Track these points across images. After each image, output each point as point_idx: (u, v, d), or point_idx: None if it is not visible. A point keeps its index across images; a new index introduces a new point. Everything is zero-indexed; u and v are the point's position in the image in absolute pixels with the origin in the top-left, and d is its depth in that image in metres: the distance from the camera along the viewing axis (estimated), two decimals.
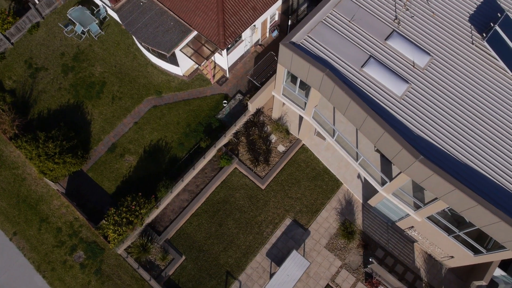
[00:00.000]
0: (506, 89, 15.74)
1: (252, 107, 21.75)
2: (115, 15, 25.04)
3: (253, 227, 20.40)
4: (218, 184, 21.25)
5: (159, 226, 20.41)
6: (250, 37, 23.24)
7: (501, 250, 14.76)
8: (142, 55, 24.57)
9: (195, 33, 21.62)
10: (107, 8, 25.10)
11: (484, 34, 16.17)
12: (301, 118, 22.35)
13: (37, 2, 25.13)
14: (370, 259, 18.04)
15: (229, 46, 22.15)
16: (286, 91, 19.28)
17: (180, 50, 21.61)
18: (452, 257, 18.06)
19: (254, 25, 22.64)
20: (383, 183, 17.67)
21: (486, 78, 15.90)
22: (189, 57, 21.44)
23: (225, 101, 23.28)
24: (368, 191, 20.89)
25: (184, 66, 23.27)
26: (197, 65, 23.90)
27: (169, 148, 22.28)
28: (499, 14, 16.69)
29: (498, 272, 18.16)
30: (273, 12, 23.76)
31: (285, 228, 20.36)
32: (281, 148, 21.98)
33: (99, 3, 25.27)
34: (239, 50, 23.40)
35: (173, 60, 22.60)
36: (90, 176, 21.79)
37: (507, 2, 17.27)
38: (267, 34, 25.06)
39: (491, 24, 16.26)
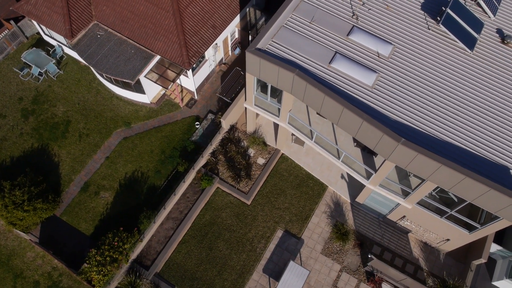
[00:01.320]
0: (467, 66, 16.32)
1: (225, 123, 21.44)
2: (72, 53, 24.48)
3: (245, 244, 19.60)
4: (202, 207, 20.45)
5: (146, 260, 19.20)
6: (214, 56, 23.23)
7: (494, 221, 14.80)
8: (106, 88, 23.92)
9: (158, 57, 21.37)
10: (63, 47, 24.51)
11: (439, 18, 16.88)
12: (276, 127, 22.24)
13: None
14: (369, 256, 17.63)
15: (194, 66, 22.00)
16: (258, 101, 19.17)
17: (145, 76, 21.21)
18: (448, 240, 17.97)
19: (216, 44, 22.71)
20: (368, 176, 17.58)
21: (448, 58, 16.46)
22: (155, 82, 21.05)
23: (197, 123, 22.85)
24: (354, 189, 20.75)
25: (150, 93, 22.80)
26: (164, 91, 23.52)
27: (146, 178, 21.39)
28: None
29: (494, 248, 18.19)
30: (233, 30, 24.00)
31: (278, 240, 19.70)
32: (260, 160, 21.63)
33: (54, 43, 24.66)
34: (205, 71, 23.28)
35: (138, 88, 22.11)
36: (65, 220, 20.42)
37: None
38: (230, 53, 25.19)
39: (443, 8, 17.03)
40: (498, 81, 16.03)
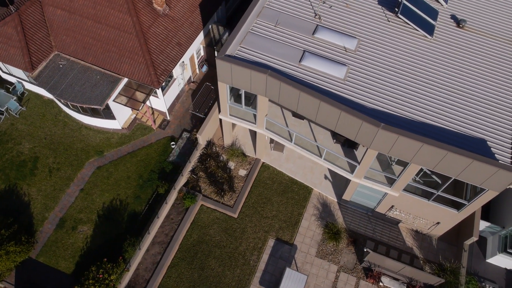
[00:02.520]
0: (430, 50, 16.95)
1: (202, 139, 21.05)
2: (34, 88, 23.63)
3: (237, 259, 18.88)
4: (188, 226, 19.67)
5: None
6: (182, 75, 23.05)
7: (481, 194, 15.01)
8: (73, 120, 23.08)
9: (125, 80, 20.94)
10: (23, 83, 23.63)
11: (396, 9, 17.59)
12: (254, 137, 22.07)
13: None
14: (365, 250, 17.37)
15: (163, 85, 21.69)
16: (233, 110, 19.00)
17: (114, 100, 20.65)
18: (438, 223, 18.05)
19: (183, 62, 22.59)
20: (352, 170, 17.57)
21: (412, 45, 17.05)
22: (125, 105, 20.52)
23: (172, 143, 22.32)
24: (340, 188, 20.68)
25: (121, 118, 22.18)
26: (135, 115, 22.95)
27: (126, 205, 20.44)
28: None
29: (483, 225, 18.45)
30: (198, 47, 24.02)
31: (271, 249, 19.12)
32: (242, 172, 21.24)
33: (13, 80, 23.73)
34: (174, 90, 23.00)
35: (108, 114, 21.46)
36: (42, 261, 19.02)
37: None
38: (197, 71, 25.12)
39: (399, 0, 17.80)
40: (458, 60, 16.71)
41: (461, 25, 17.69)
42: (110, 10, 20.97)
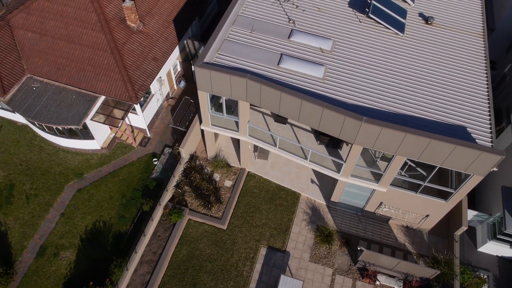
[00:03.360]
0: (402, 46, 17.42)
1: (184, 152, 20.71)
2: (6, 115, 22.89)
3: (230, 271, 18.31)
4: (176, 242, 19.04)
5: None
6: (160, 91, 22.85)
7: (466, 181, 15.19)
8: (49, 143, 22.36)
9: (102, 98, 20.57)
10: None
11: (367, 10, 18.12)
12: (237, 147, 21.89)
13: None
14: (359, 248, 17.17)
15: (142, 102, 21.40)
16: (215, 120, 18.85)
17: (91, 119, 20.18)
18: (427, 216, 18.11)
19: (160, 77, 22.44)
20: (338, 169, 17.56)
21: (385, 43, 17.50)
22: (103, 123, 20.06)
23: (155, 159, 21.86)
24: (327, 191, 20.59)
25: (100, 137, 21.65)
26: (114, 134, 22.45)
27: (110, 226, 19.68)
28: None
29: (471, 214, 18.62)
30: (175, 62, 23.97)
31: (263, 258, 18.67)
32: (228, 183, 20.91)
33: None
34: (153, 106, 22.72)
35: (86, 134, 20.91)
36: None
37: None
38: (175, 86, 24.98)
39: (369, 1, 18.37)
40: (430, 54, 17.22)
41: (429, 22, 18.34)
42: (83, 30, 20.76)
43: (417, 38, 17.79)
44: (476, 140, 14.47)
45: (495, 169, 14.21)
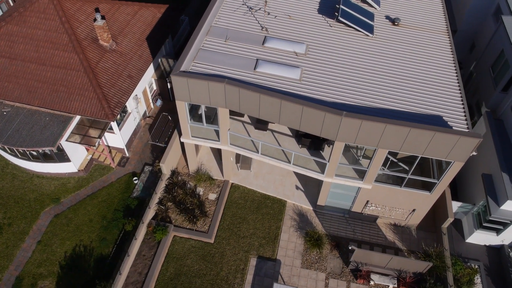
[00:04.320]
0: (373, 46, 17.97)
1: (165, 168, 20.25)
2: None
3: (221, 285, 17.62)
4: (163, 261, 18.28)
5: None
6: (137, 109, 22.54)
7: (448, 169, 15.41)
8: (23, 170, 21.46)
9: (77, 118, 20.07)
10: None
11: (336, 14, 18.70)
12: (219, 160, 21.62)
13: None
14: (350, 247, 16.94)
15: (119, 119, 21.00)
16: (195, 131, 18.62)
17: (67, 140, 19.57)
18: (414, 210, 18.17)
19: (136, 95, 22.19)
20: (322, 170, 17.52)
21: (357, 44, 18.00)
22: (79, 143, 19.48)
23: (135, 178, 21.26)
24: (313, 196, 20.45)
25: (76, 159, 20.96)
26: (91, 155, 21.81)
27: (91, 249, 18.75)
28: None
29: (455, 206, 18.81)
30: (150, 81, 23.83)
31: (254, 269, 18.11)
32: (212, 196, 20.48)
33: None
34: (130, 125, 22.32)
35: (62, 157, 20.22)
36: None
37: None
38: (152, 105, 24.73)
39: (337, 6, 19.00)
40: (399, 51, 17.79)
41: (396, 23, 19.07)
42: (54, 51, 20.47)
43: (387, 38, 18.41)
44: (453, 127, 14.81)
45: (474, 153, 14.53)
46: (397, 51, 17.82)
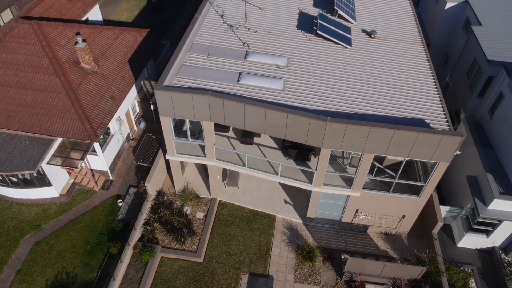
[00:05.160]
0: (351, 57, 18.44)
1: (151, 188, 19.83)
2: None
3: None
4: (150, 283, 17.51)
5: None
6: (120, 131, 22.26)
7: (433, 170, 15.55)
8: (1, 198, 20.64)
9: (59, 140, 19.64)
10: None
11: (315, 28, 19.24)
12: (206, 178, 21.32)
13: None
14: (343, 256, 16.62)
15: (101, 141, 20.64)
16: (180, 147, 18.43)
17: (48, 163, 19.04)
18: (403, 217, 18.11)
19: (119, 117, 21.97)
20: (310, 179, 17.44)
21: (336, 56, 18.45)
22: (61, 166, 18.97)
23: (119, 200, 20.69)
24: (302, 209, 20.23)
25: (58, 183, 20.34)
26: (73, 179, 21.20)
27: (74, 276, 17.87)
28: (316, 14, 20.40)
29: (444, 210, 18.86)
30: (133, 103, 23.71)
31: (246, 287, 17.50)
32: (200, 214, 20.03)
33: None
34: (114, 147, 21.95)
35: (43, 181, 19.59)
36: None
37: (316, 8, 21.29)
38: (135, 128, 24.49)
39: (315, 20, 19.58)
40: (377, 61, 18.29)
41: (372, 35, 19.72)
42: (35, 75, 20.28)
43: (365, 49, 18.96)
44: (435, 128, 15.08)
45: (458, 152, 14.76)
46: (375, 60, 18.33)
